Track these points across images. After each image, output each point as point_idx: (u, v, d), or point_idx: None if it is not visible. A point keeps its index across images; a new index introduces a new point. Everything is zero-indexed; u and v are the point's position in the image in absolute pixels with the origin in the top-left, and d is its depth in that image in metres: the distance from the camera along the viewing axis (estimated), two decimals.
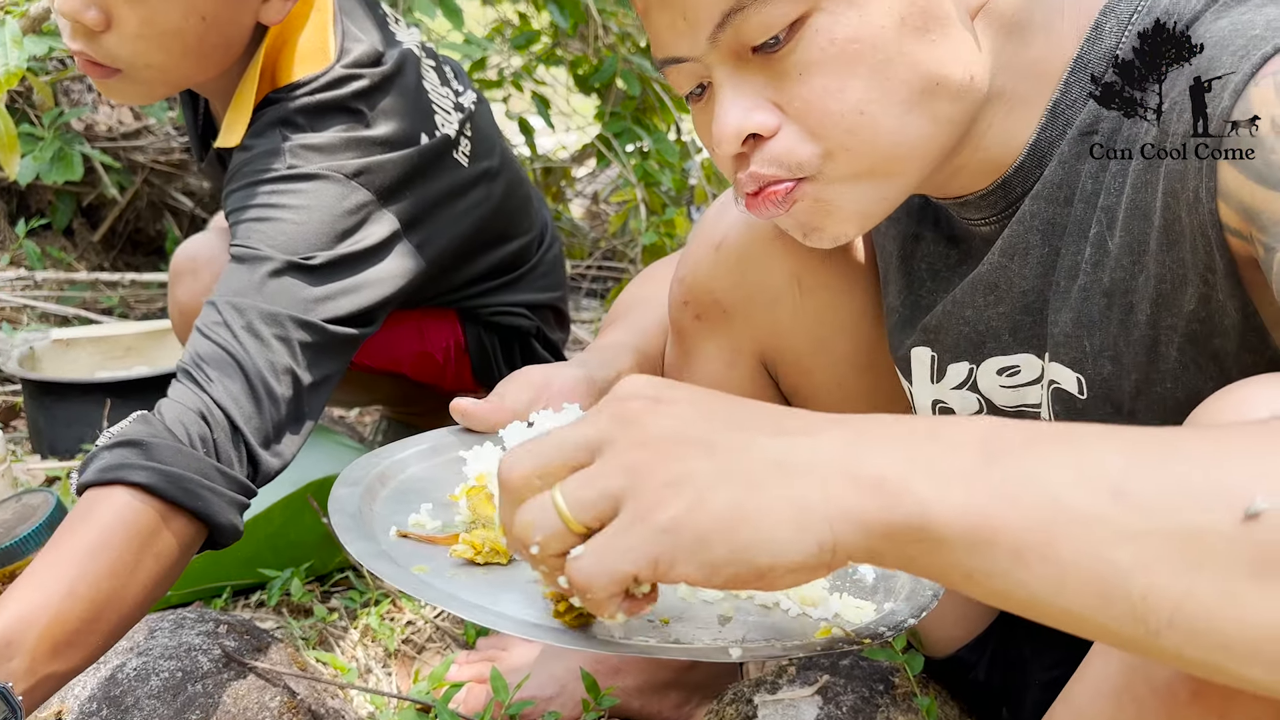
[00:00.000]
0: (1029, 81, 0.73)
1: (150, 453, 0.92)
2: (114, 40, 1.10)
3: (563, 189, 3.65)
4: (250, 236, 1.10)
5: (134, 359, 2.12)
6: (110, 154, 2.77)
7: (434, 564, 0.69)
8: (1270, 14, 0.63)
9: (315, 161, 1.15)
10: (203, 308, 1.06)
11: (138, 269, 2.94)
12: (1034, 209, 0.75)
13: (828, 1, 0.66)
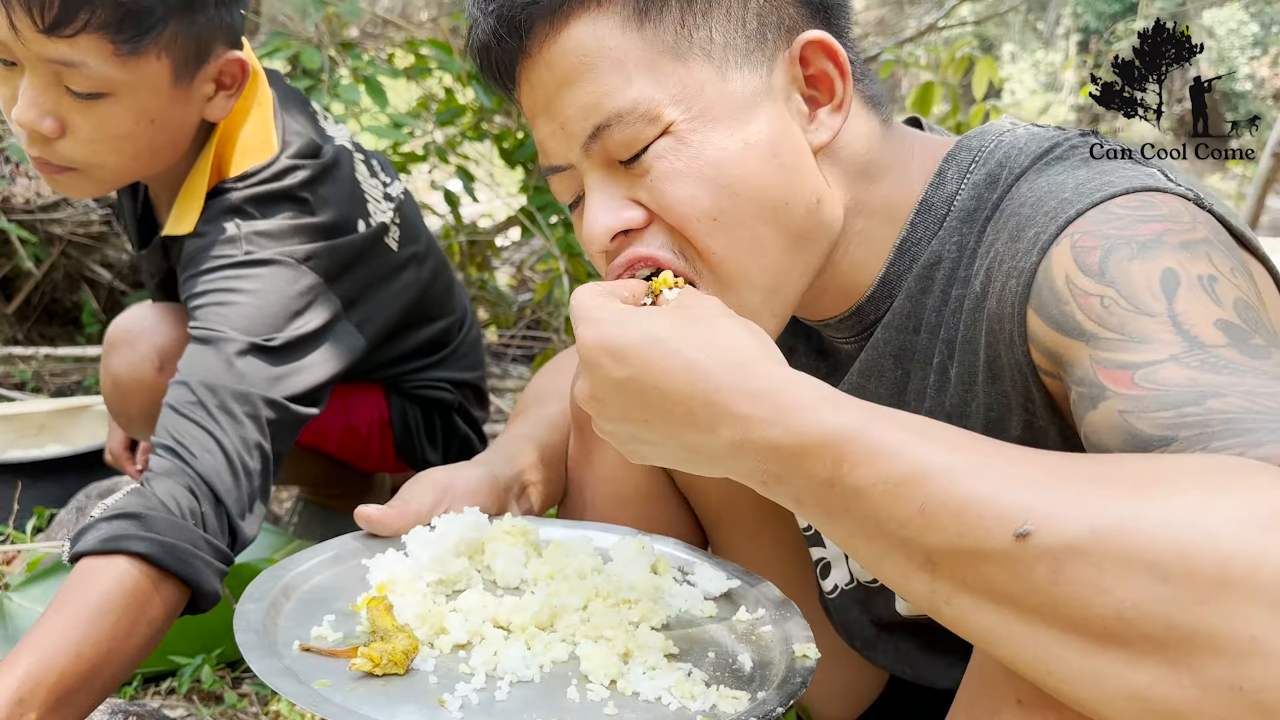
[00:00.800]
0: (878, 219, 0.82)
1: (148, 524, 1.02)
2: (68, 145, 1.18)
3: (488, 258, 3.70)
4: (212, 319, 1.18)
5: (47, 437, 2.10)
6: (27, 226, 2.76)
7: (335, 677, 0.72)
8: (1080, 176, 0.71)
9: (268, 248, 1.25)
10: (171, 387, 1.15)
11: (53, 340, 2.91)
12: (886, 336, 0.83)
13: (682, 123, 0.74)
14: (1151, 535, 0.48)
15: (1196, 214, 0.69)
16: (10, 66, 1.15)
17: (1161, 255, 0.64)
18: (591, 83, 0.75)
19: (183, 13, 1.17)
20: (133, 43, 1.14)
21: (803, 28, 0.78)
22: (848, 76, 0.78)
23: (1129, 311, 0.63)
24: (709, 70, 0.76)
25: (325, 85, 2.87)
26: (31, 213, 2.83)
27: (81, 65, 1.13)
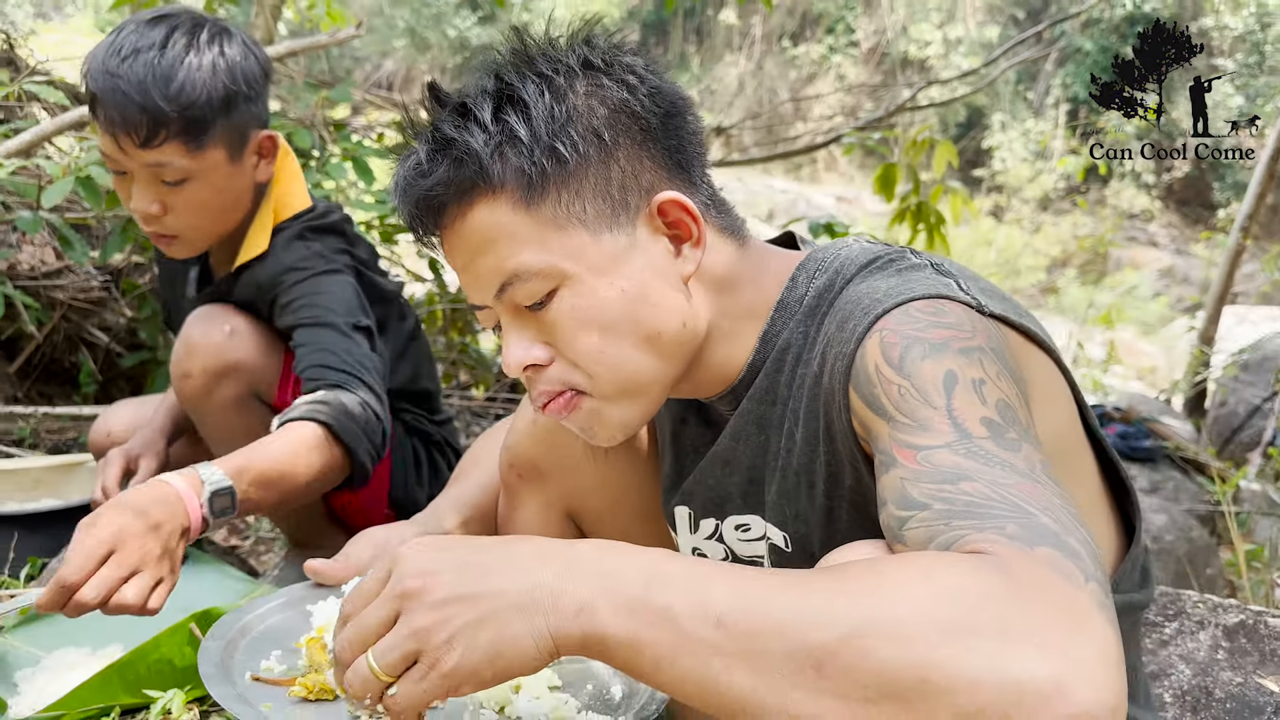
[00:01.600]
0: (743, 320, 1.00)
1: (333, 409, 1.53)
2: (170, 220, 1.70)
3: (469, 322, 3.89)
4: (317, 310, 1.70)
5: (43, 491, 2.25)
6: (30, 292, 2.94)
7: (278, 702, 0.89)
8: (892, 283, 0.89)
9: (334, 261, 1.78)
10: (307, 354, 1.64)
11: (51, 399, 3.07)
12: (749, 407, 1.01)
13: (570, 280, 0.93)
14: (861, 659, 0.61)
15: (976, 321, 0.85)
16: (123, 175, 1.68)
17: (945, 358, 0.81)
18: (493, 252, 0.94)
19: (226, 114, 1.66)
20: (197, 142, 1.64)
21: (660, 188, 0.97)
22: (699, 220, 0.97)
23: (918, 402, 0.80)
24: (585, 235, 0.94)
25: (316, 164, 3.07)
26: (35, 279, 3.01)
27: (168, 164, 1.64)
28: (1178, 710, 1.34)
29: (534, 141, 0.92)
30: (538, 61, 0.96)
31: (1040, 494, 0.71)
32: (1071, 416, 0.96)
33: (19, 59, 3.55)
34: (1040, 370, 0.91)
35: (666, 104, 0.98)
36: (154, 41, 1.61)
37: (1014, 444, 0.76)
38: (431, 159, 0.95)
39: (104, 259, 3.01)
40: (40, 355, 3.15)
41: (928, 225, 3.96)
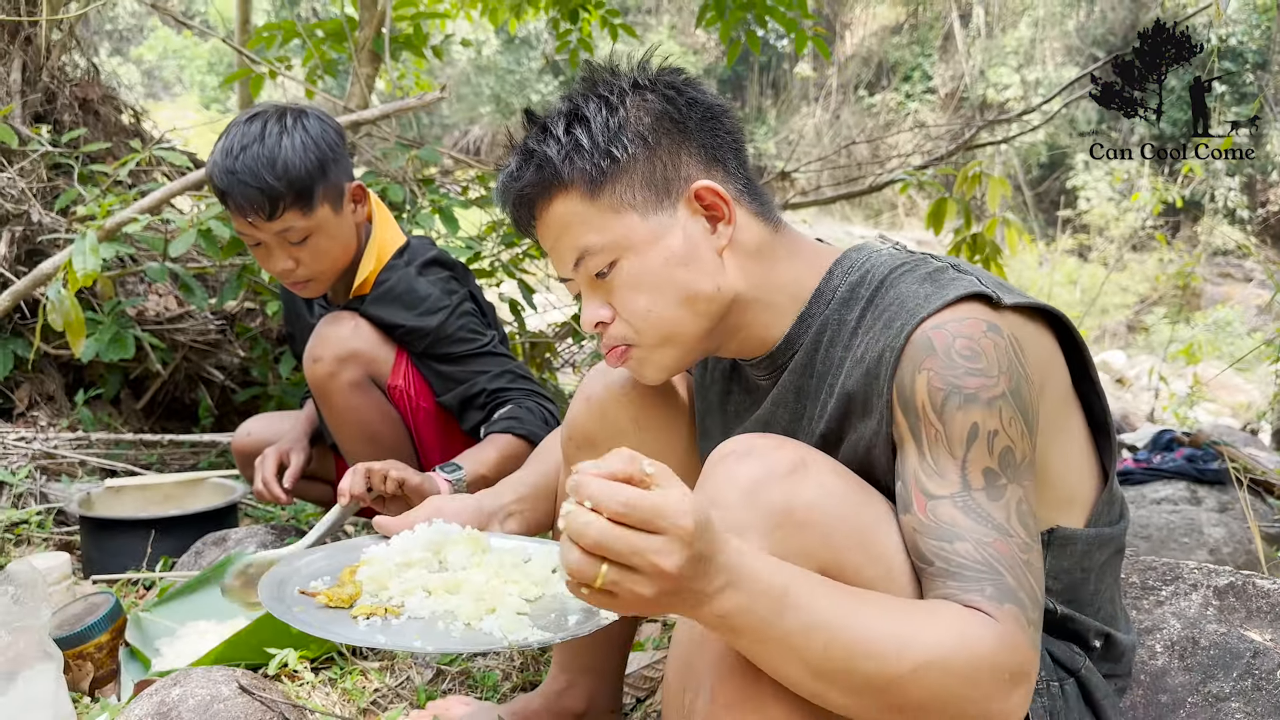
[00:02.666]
0: (783, 295, 1.21)
1: (526, 424, 2.05)
2: (302, 270, 2.08)
3: (548, 359, 4.15)
4: (478, 345, 2.17)
5: (171, 504, 2.55)
6: (156, 335, 3.29)
7: (309, 606, 1.16)
8: (927, 288, 1.09)
9: (458, 290, 2.21)
10: (486, 380, 2.14)
11: (173, 432, 3.41)
12: (790, 379, 1.22)
13: (626, 253, 1.17)
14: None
15: (1003, 357, 1.03)
16: (258, 245, 2.06)
17: (974, 411, 1.01)
18: (568, 235, 1.19)
19: (323, 177, 2.01)
20: (309, 205, 2.00)
21: (697, 177, 1.19)
22: (729, 203, 1.18)
23: (943, 450, 1.02)
24: (636, 217, 1.17)
25: (407, 215, 3.38)
26: (160, 323, 3.37)
27: (291, 228, 2.01)
28: (1166, 658, 1.47)
29: (594, 148, 1.17)
30: (599, 85, 1.21)
31: (1008, 551, 0.99)
32: (1065, 378, 1.15)
33: (144, 131, 3.97)
34: (1045, 345, 1.11)
35: (702, 110, 1.21)
36: (255, 136, 1.98)
37: (1001, 491, 1.01)
38: (520, 166, 1.21)
39: (220, 305, 3.36)
40: (164, 392, 3.50)
41: (983, 257, 4.10)
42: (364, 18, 4.21)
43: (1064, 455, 1.14)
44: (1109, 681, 1.20)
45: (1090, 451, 1.19)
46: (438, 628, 1.11)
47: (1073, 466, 1.16)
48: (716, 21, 4.83)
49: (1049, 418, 1.11)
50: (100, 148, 3.45)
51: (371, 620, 1.13)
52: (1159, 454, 4.10)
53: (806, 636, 0.90)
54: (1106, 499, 1.18)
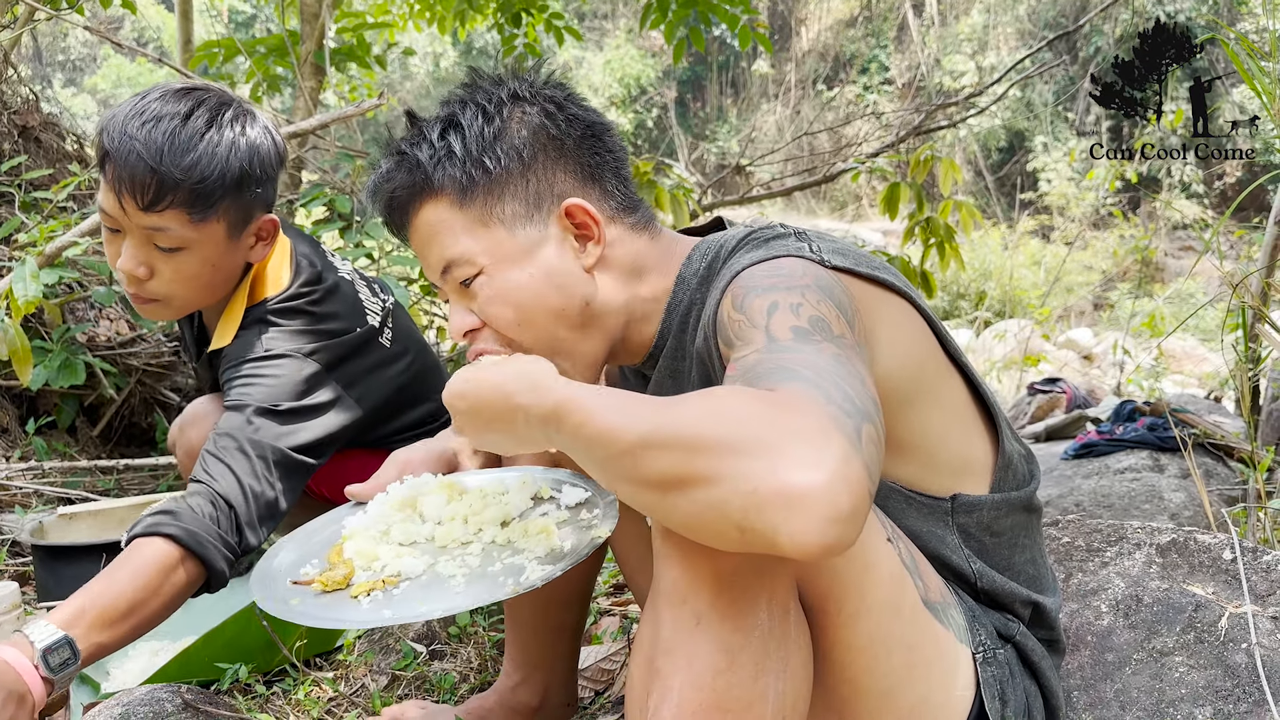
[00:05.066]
0: (653, 303, 1.22)
1: (178, 518, 1.47)
2: (155, 284, 1.67)
3: None
4: (239, 394, 1.65)
5: (125, 529, 2.52)
6: (108, 360, 3.26)
7: (305, 596, 1.12)
8: (757, 252, 1.09)
9: (282, 345, 1.71)
10: (209, 438, 1.60)
11: (132, 457, 3.38)
12: (664, 364, 1.23)
13: (490, 266, 1.16)
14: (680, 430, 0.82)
15: (810, 270, 1.04)
16: (116, 233, 1.65)
17: (773, 294, 1.00)
18: (436, 242, 1.18)
19: (236, 193, 1.65)
20: (201, 213, 1.61)
21: (570, 194, 1.18)
22: (599, 222, 1.18)
23: (748, 327, 0.99)
24: (504, 231, 1.16)
25: (357, 226, 3.37)
26: (113, 348, 3.34)
27: (166, 229, 1.61)
28: (1111, 618, 1.48)
29: (466, 156, 1.16)
30: (479, 93, 1.20)
31: (812, 361, 0.88)
32: (932, 347, 1.14)
33: (87, 156, 3.93)
34: (891, 309, 1.10)
35: (582, 127, 1.21)
36: (178, 112, 1.63)
37: (814, 341, 0.93)
38: (393, 168, 1.20)
39: (171, 326, 3.33)
40: (119, 417, 3.46)
41: (938, 238, 4.13)
42: (305, 31, 4.19)
43: (945, 424, 1.15)
44: (1043, 645, 1.21)
45: (979, 420, 1.19)
46: (439, 587, 1.11)
47: (957, 435, 1.17)
48: (661, 22, 4.84)
49: (924, 386, 1.12)
50: (42, 174, 3.42)
51: (373, 595, 1.11)
52: (1121, 425, 4.14)
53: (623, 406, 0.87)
54: (1003, 464, 1.18)
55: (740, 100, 21.49)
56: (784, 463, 0.75)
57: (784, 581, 0.96)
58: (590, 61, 19.90)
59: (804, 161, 7.89)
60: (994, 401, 1.19)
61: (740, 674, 0.92)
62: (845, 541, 0.76)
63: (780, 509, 0.74)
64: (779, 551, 0.76)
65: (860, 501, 0.76)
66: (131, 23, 17.38)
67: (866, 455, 0.79)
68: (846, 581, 1.00)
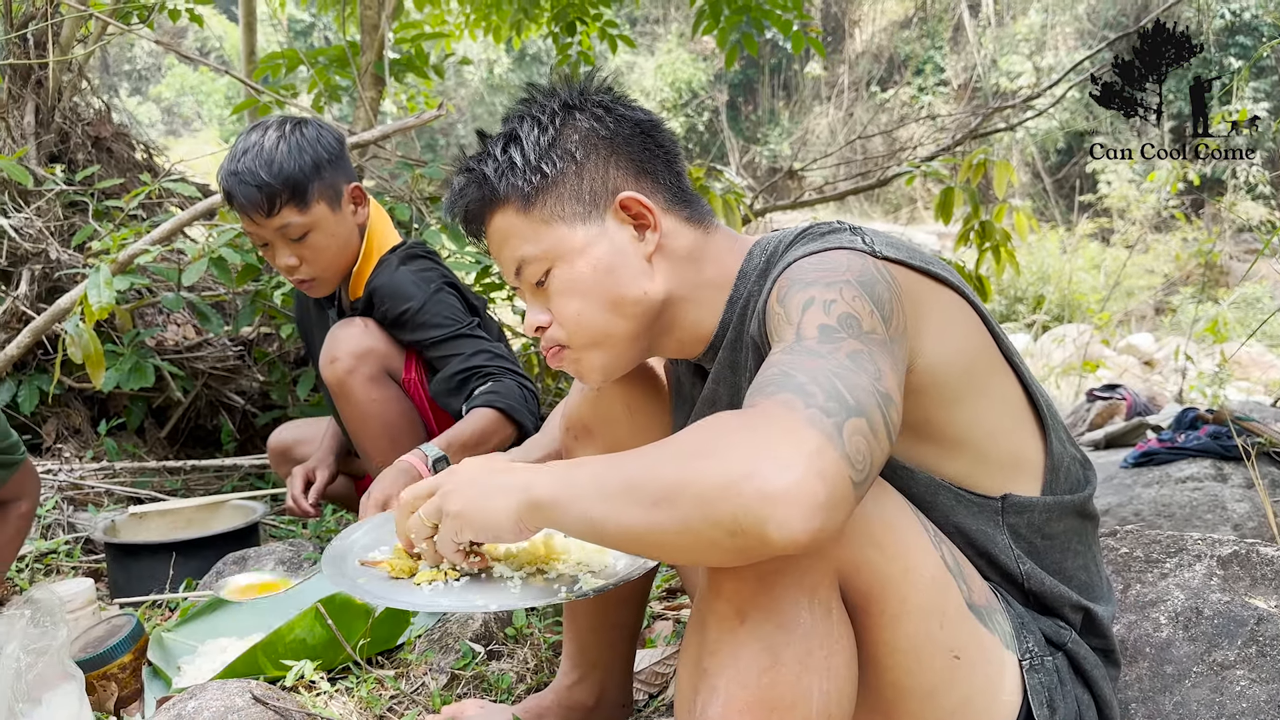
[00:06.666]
0: (709, 291, 1.25)
1: (504, 396, 2.11)
2: (305, 268, 2.22)
3: None
4: (445, 322, 2.24)
5: (193, 528, 2.60)
6: (176, 364, 3.35)
7: (372, 577, 1.20)
8: (812, 245, 1.11)
9: (436, 281, 2.28)
10: (467, 359, 2.21)
11: (197, 458, 3.47)
12: (724, 355, 1.26)
13: (558, 261, 1.22)
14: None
15: (855, 262, 1.06)
16: (265, 246, 2.21)
17: (810, 290, 1.03)
18: (508, 247, 1.25)
19: (317, 176, 2.16)
20: (304, 202, 2.15)
21: (624, 188, 1.23)
22: (654, 211, 1.23)
23: (784, 324, 1.02)
24: (566, 229, 1.22)
25: (415, 233, 3.43)
26: (180, 352, 3.43)
27: (289, 224, 2.15)
28: (1170, 630, 1.47)
29: (525, 165, 1.23)
30: (533, 106, 1.28)
31: (815, 364, 0.92)
32: (985, 342, 1.15)
33: (157, 165, 4.05)
34: (942, 302, 1.11)
35: (630, 125, 1.26)
36: (255, 142, 2.15)
37: (837, 339, 0.95)
38: (464, 184, 1.28)
39: (236, 330, 3.42)
40: (186, 419, 3.56)
41: (993, 244, 4.09)
42: (365, 42, 4.28)
43: (996, 421, 1.15)
44: (1097, 654, 1.21)
45: (1032, 420, 1.20)
46: (496, 587, 1.17)
47: (1008, 433, 1.17)
48: (714, 28, 4.86)
49: (976, 382, 1.13)
50: (114, 184, 3.52)
51: (434, 585, 1.18)
52: (1183, 433, 4.06)
53: (594, 475, 0.96)
54: (1054, 465, 1.19)
55: (792, 103, 21.40)
56: (762, 468, 0.83)
57: (825, 580, 0.99)
58: (642, 66, 19.95)
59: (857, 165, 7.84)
60: (1048, 402, 1.20)
61: (784, 672, 0.96)
62: (831, 527, 0.83)
63: (763, 507, 0.82)
64: (771, 549, 0.83)
65: (837, 489, 0.84)
66: (194, 33, 17.80)
67: (850, 446, 0.86)
68: (888, 582, 1.02)
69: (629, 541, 0.92)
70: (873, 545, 1.00)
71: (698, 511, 0.85)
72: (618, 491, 0.91)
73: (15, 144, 3.57)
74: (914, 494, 1.12)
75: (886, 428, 0.91)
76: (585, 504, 0.94)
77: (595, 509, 0.93)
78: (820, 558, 0.97)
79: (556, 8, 5.09)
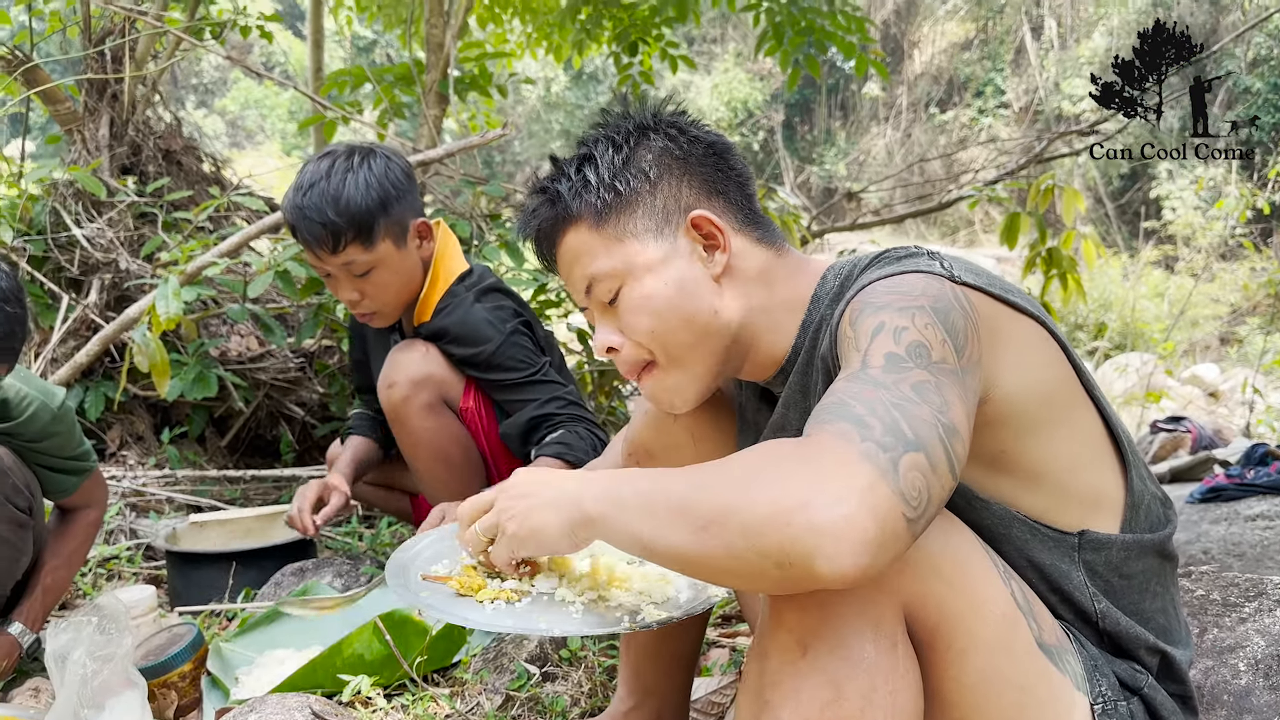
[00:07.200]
0: (782, 314, 1.24)
1: (575, 451, 2.06)
2: (368, 302, 2.19)
3: (616, 387, 4.18)
4: (502, 374, 2.20)
5: (252, 538, 2.63)
6: (238, 374, 3.40)
7: (436, 592, 1.21)
8: (889, 269, 1.09)
9: (508, 322, 2.24)
10: (540, 406, 2.18)
11: (256, 468, 3.51)
12: (795, 379, 1.24)
13: (630, 278, 1.22)
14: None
15: (931, 286, 1.03)
16: (328, 276, 2.15)
17: (882, 314, 1.01)
18: (579, 264, 1.25)
19: (384, 213, 2.10)
20: (370, 239, 2.10)
21: (695, 207, 1.23)
22: (724, 231, 1.22)
23: (852, 350, 1.00)
24: (638, 245, 1.22)
25: (474, 249, 3.45)
26: (242, 363, 3.48)
27: (353, 261, 2.10)
28: (1250, 677, 1.42)
29: (599, 183, 1.23)
30: (608, 128, 1.29)
31: (876, 395, 0.90)
32: (1065, 374, 1.12)
33: (224, 179, 4.12)
34: (1022, 331, 1.08)
35: (703, 147, 1.27)
36: (322, 173, 2.07)
37: (903, 369, 0.93)
38: (537, 205, 1.29)
39: (299, 343, 3.46)
40: (247, 429, 3.61)
41: (1059, 271, 4.02)
42: (430, 61, 4.33)
43: (1075, 454, 1.12)
44: (1174, 700, 1.17)
45: (1112, 455, 1.16)
46: (558, 610, 1.17)
47: (1087, 467, 1.13)
48: (777, 50, 4.85)
49: (1055, 413, 1.09)
50: (183, 196, 3.60)
51: (496, 604, 1.18)
52: (1252, 468, 3.95)
53: (641, 492, 0.96)
54: (1134, 503, 1.15)
55: (849, 123, 21.30)
56: (813, 499, 0.82)
57: (890, 613, 0.97)
58: (698, 85, 19.99)
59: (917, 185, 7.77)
60: (1128, 437, 1.16)
61: (848, 707, 0.93)
62: (881, 564, 0.82)
63: (812, 540, 0.81)
64: (820, 582, 0.82)
65: (889, 526, 0.82)
66: (259, 47, 18.18)
67: (906, 483, 0.84)
68: (955, 617, 0.99)
69: (677, 562, 0.92)
70: (940, 579, 0.98)
71: (745, 539, 0.84)
72: (665, 511, 0.91)
73: (90, 156, 3.66)
74: (988, 526, 1.09)
75: (949, 462, 0.89)
76: (633, 521, 0.95)
77: (643, 526, 0.93)
78: (884, 590, 0.96)
79: (619, 28, 5.12)
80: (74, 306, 3.31)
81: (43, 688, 1.88)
